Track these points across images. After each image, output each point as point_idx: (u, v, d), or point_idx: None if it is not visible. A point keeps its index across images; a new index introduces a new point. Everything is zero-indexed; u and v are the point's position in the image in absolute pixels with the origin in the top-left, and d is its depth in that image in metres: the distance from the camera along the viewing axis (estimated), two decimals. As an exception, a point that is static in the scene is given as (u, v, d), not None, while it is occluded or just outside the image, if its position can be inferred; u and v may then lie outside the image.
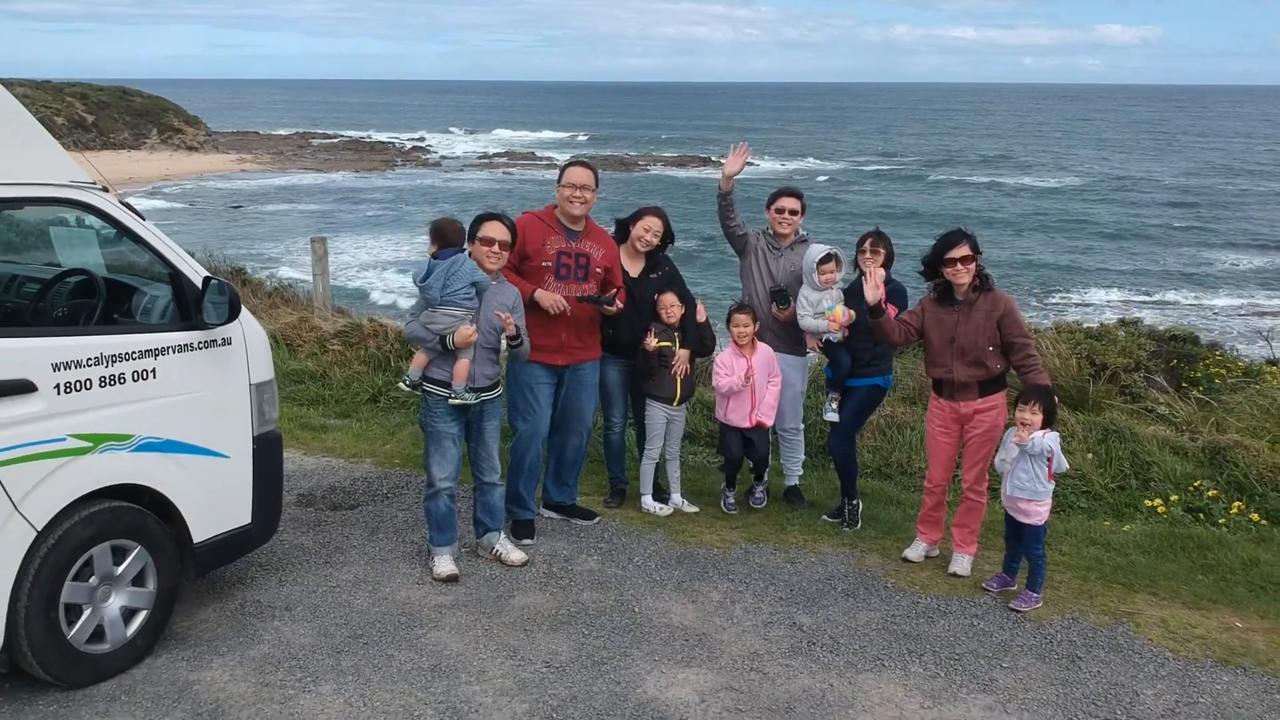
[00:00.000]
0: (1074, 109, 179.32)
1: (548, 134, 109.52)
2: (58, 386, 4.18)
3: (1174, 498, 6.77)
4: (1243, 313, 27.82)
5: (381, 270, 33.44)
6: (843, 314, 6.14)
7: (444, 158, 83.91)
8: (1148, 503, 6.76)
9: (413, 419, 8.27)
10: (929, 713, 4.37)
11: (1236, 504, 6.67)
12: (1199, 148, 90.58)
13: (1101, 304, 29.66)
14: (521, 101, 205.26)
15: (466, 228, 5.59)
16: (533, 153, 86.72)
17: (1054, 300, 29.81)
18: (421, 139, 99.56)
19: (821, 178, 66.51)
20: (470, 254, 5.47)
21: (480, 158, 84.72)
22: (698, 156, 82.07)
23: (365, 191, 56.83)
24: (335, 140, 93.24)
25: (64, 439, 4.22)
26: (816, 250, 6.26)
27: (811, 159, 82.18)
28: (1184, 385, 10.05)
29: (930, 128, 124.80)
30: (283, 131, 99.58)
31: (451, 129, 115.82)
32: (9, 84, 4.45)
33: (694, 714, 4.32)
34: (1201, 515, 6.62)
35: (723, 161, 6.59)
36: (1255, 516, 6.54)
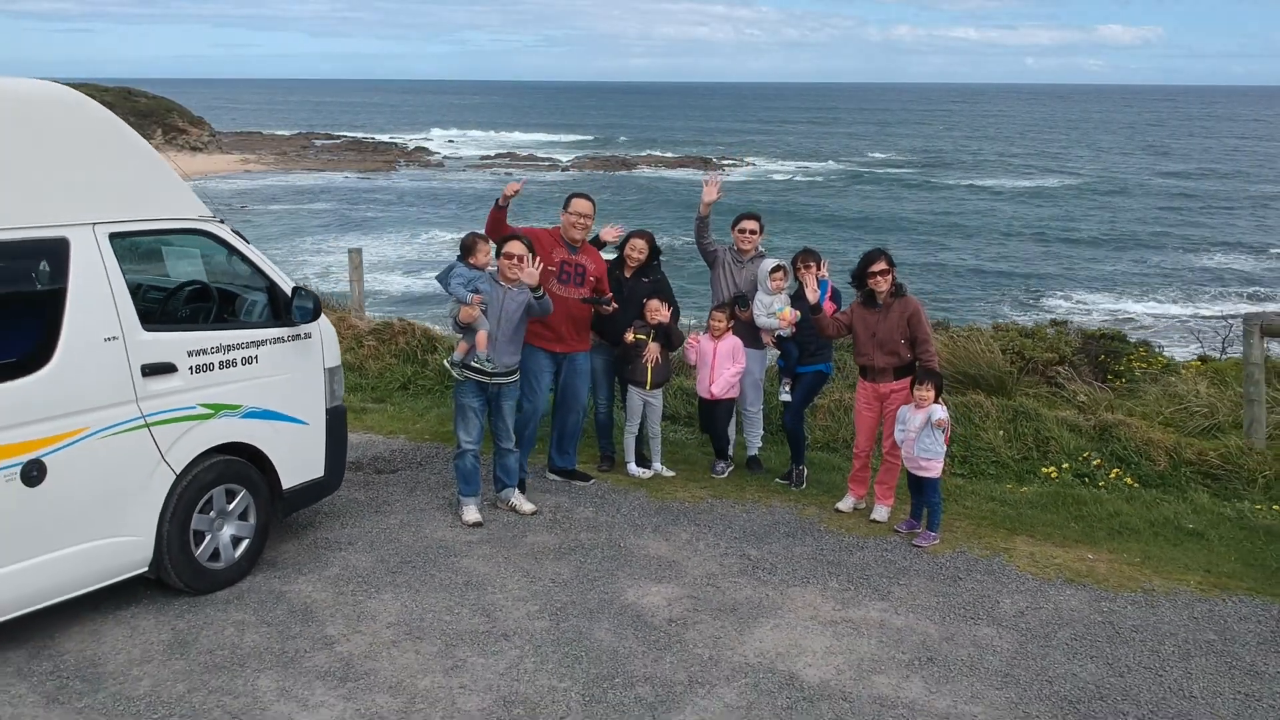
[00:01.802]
0: (1072, 109, 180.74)
1: (549, 135, 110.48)
2: (190, 368, 5.67)
3: (1066, 465, 8.25)
4: (1216, 315, 29.17)
5: (388, 271, 34.69)
6: (790, 314, 7.62)
7: (446, 158, 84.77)
8: (1044, 469, 8.23)
9: (437, 403, 9.77)
10: (838, 613, 5.84)
11: (1115, 470, 8.14)
12: (1193, 150, 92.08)
13: (1089, 305, 31.09)
14: (522, 102, 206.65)
15: (468, 238, 7.10)
16: (534, 154, 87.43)
17: (1040, 304, 30.96)
18: (424, 140, 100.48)
19: (814, 178, 67.99)
20: (498, 265, 6.94)
21: (482, 158, 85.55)
22: (698, 158, 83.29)
23: (369, 192, 58.01)
24: (338, 141, 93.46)
25: (195, 407, 5.71)
26: (768, 263, 7.75)
27: (812, 161, 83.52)
28: (1109, 377, 11.53)
29: (927, 129, 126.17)
30: (286, 132, 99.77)
31: (453, 129, 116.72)
32: None
33: (662, 613, 5.80)
34: (1086, 479, 8.09)
35: (723, 163, 8.10)
36: (1129, 480, 8.01)
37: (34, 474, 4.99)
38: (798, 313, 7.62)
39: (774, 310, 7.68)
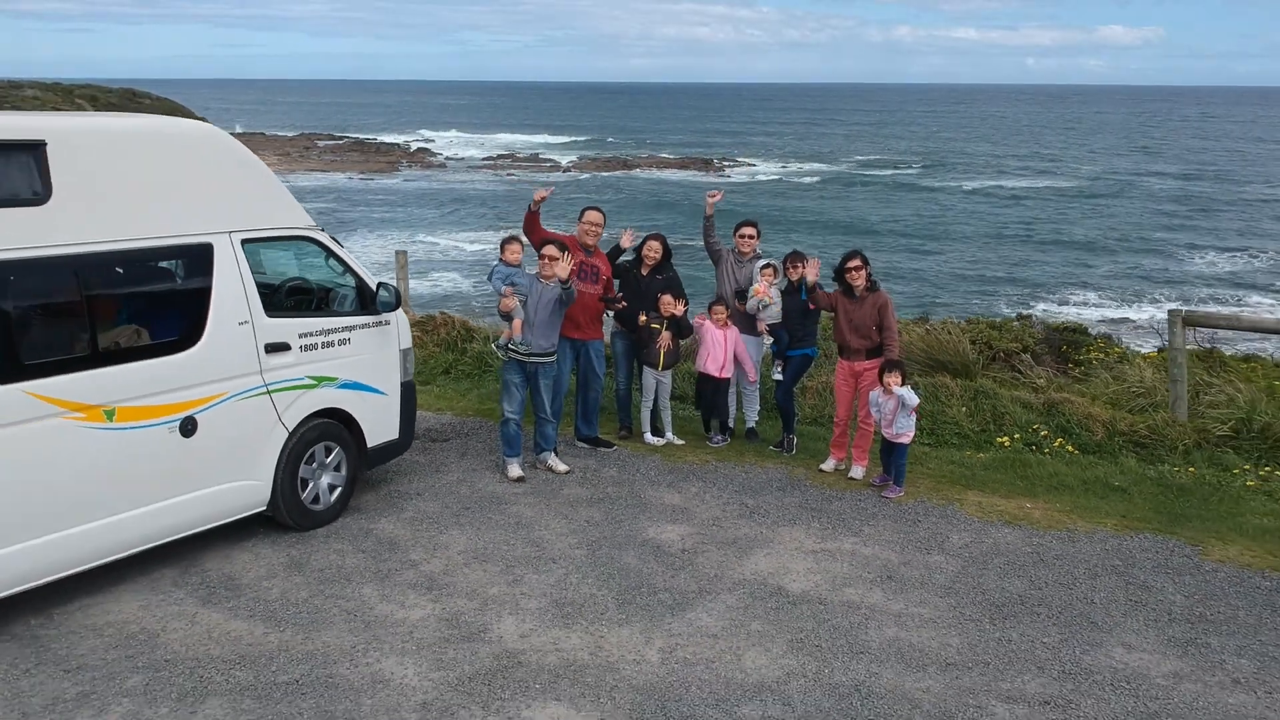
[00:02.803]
0: (1070, 110, 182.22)
1: (549, 136, 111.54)
2: (300, 347, 7.09)
3: (1017, 436, 9.66)
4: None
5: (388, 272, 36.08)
6: (762, 288, 9.02)
7: (448, 159, 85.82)
8: (999, 439, 9.64)
9: (476, 385, 11.20)
10: (818, 545, 7.27)
11: (1059, 440, 9.55)
12: (1186, 151, 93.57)
13: (1081, 303, 32.42)
14: (524, 102, 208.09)
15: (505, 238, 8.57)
16: (536, 155, 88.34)
17: (1027, 306, 32.09)
18: (426, 140, 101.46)
19: (811, 180, 69.46)
20: (538, 264, 8.38)
21: (485, 159, 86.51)
22: (698, 159, 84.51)
23: (373, 193, 59.18)
24: (341, 141, 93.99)
25: (304, 379, 7.13)
26: (761, 262, 9.18)
27: (810, 162, 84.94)
28: (1070, 364, 12.97)
29: (925, 130, 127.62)
30: (288, 133, 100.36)
31: (454, 130, 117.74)
32: (19, 85, 7.11)
33: (676, 545, 7.22)
34: (1034, 447, 9.50)
35: (722, 164, 9.54)
36: (1070, 448, 9.43)
37: (189, 427, 6.42)
38: (767, 290, 9.02)
39: (752, 294, 9.12)
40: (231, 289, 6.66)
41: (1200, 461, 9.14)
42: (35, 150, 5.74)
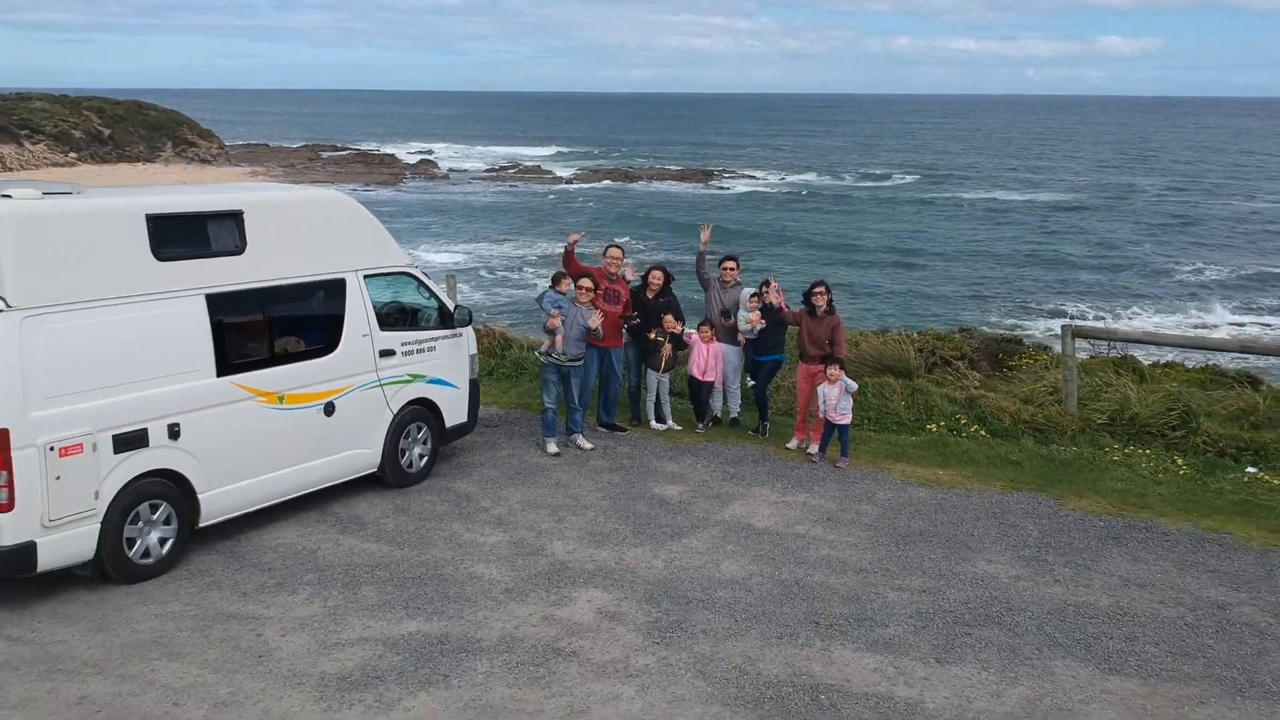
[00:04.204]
0: (1066, 121, 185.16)
1: (551, 148, 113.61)
2: (402, 353, 9.75)
3: (943, 423, 12.29)
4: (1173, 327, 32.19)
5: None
6: (755, 316, 11.66)
7: (452, 170, 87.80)
8: (929, 426, 12.27)
9: (514, 385, 13.86)
10: (779, 498, 9.91)
11: (975, 426, 12.19)
12: (1178, 162, 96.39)
13: (1053, 313, 34.80)
14: (525, 113, 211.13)
15: (555, 275, 11.16)
16: (539, 166, 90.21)
17: (1012, 319, 34.30)
18: (429, 151, 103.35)
19: (806, 193, 72.14)
20: (575, 292, 11.02)
21: (488, 170, 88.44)
22: (699, 171, 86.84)
23: (379, 204, 60.79)
24: (345, 153, 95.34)
25: (404, 375, 9.79)
26: (747, 291, 11.84)
27: (805, 174, 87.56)
28: (1004, 369, 15.63)
29: (918, 141, 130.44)
30: (292, 144, 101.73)
31: (458, 143, 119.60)
32: (27, 96, 9.51)
33: (675, 498, 9.86)
34: (955, 432, 12.13)
35: (722, 175, 12.19)
36: (983, 432, 12.06)
37: (330, 410, 9.07)
38: (760, 316, 11.66)
39: (745, 319, 11.76)
40: (357, 311, 9.31)
41: (1083, 442, 11.79)
42: (237, 217, 8.42)
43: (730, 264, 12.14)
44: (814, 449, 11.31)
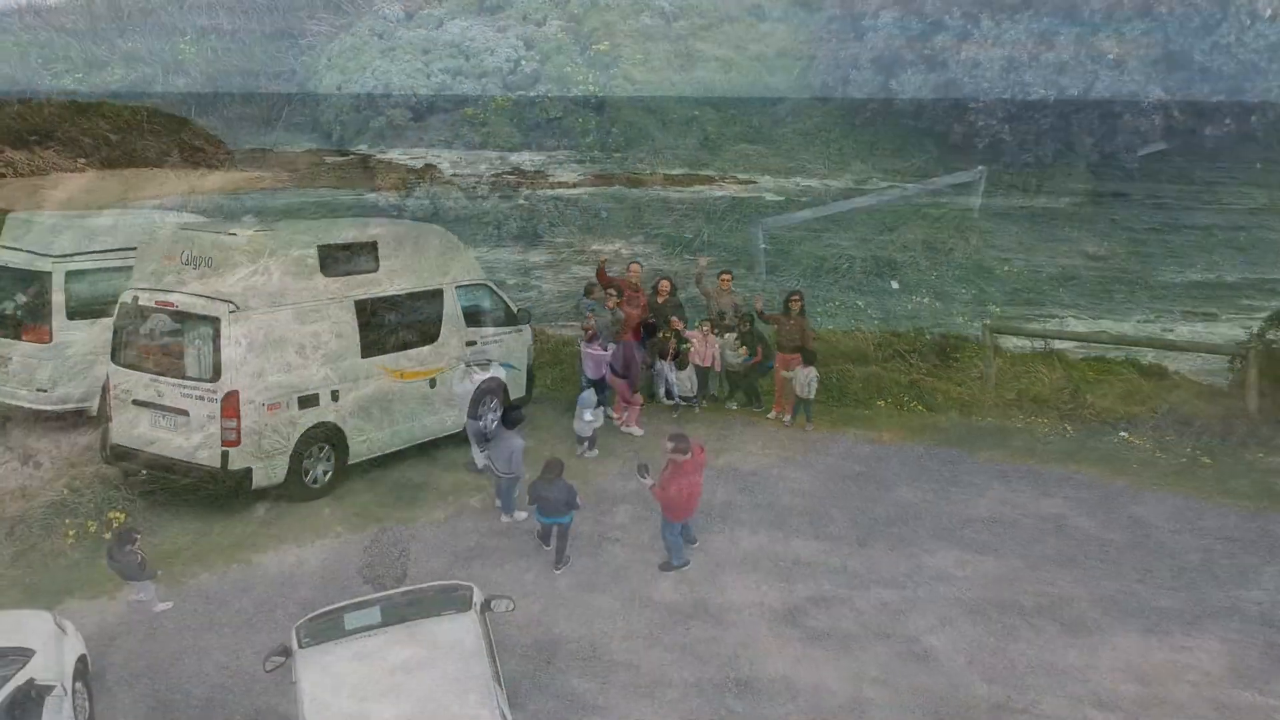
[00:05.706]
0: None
1: (555, 152, 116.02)
2: (481, 343, 13.22)
3: (890, 400, 15.74)
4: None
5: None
6: (745, 351, 15.10)
7: (455, 175, 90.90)
8: (878, 402, 15.72)
9: (551, 371, 17.31)
10: (761, 452, 13.38)
11: (915, 403, 15.66)
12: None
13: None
14: (526, 116, 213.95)
15: (588, 285, 14.64)
16: (542, 171, 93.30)
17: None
18: (433, 156, 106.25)
19: (809, 198, 75.25)
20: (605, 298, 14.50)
21: (494, 175, 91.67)
22: (705, 176, 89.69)
23: (389, 210, 64.11)
24: (348, 158, 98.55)
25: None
26: (730, 337, 15.31)
27: (814, 180, 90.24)
28: (951, 360, 19.11)
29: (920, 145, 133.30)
30: (296, 149, 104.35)
31: (460, 148, 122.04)
32: (33, 102, 12.62)
33: (683, 451, 13.34)
34: (899, 407, 15.59)
35: (724, 180, 15.66)
36: (920, 407, 15.53)
37: (433, 384, 12.53)
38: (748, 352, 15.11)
39: (737, 355, 15.21)
40: (451, 313, 12.77)
41: (997, 415, 15.28)
42: (372, 246, 11.89)
43: (725, 276, 15.63)
44: (787, 418, 14.78)
